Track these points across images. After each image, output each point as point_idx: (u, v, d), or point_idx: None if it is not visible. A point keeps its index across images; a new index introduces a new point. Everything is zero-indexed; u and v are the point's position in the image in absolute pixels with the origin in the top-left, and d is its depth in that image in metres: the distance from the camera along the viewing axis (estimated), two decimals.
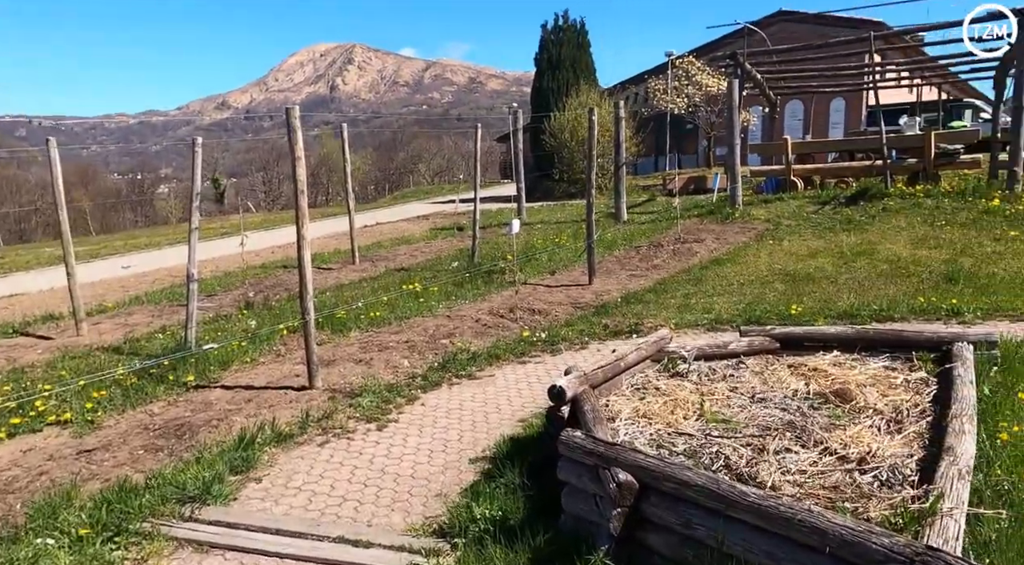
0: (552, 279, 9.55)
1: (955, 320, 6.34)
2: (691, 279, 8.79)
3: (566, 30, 25.76)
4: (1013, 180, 11.15)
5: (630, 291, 8.48)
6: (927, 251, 9.09)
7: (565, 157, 22.17)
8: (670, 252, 10.50)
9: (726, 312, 7.16)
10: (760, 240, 10.76)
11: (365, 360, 6.34)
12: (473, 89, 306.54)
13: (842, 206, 12.07)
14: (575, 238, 12.33)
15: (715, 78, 22.25)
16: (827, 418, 3.47)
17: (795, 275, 8.45)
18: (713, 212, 13.06)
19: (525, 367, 6.06)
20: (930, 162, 12.90)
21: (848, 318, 6.62)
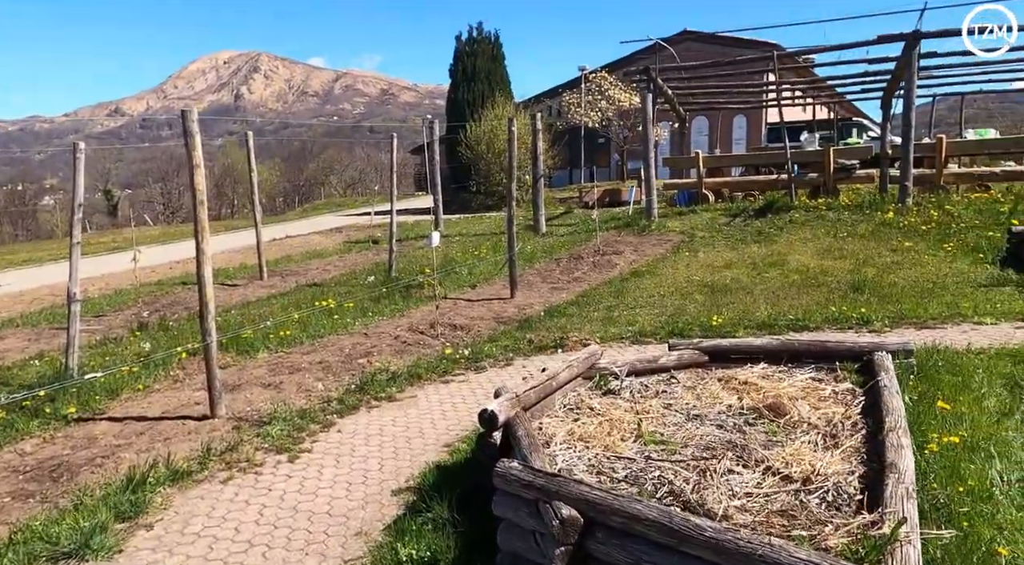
0: (473, 293, 9.31)
1: (866, 328, 6.55)
2: (613, 291, 8.77)
3: (480, 42, 25.78)
4: (904, 194, 11.87)
5: (553, 304, 8.36)
6: (832, 261, 9.47)
7: (482, 169, 22.08)
8: (590, 264, 10.49)
9: (649, 324, 7.14)
10: (677, 252, 10.94)
11: (275, 384, 5.88)
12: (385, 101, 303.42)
13: (752, 218, 12.49)
14: (495, 250, 12.15)
15: (627, 93, 22.79)
16: (764, 434, 3.40)
17: (713, 286, 8.58)
18: (630, 224, 13.22)
19: (448, 387, 5.78)
20: (829, 176, 13.59)
21: (767, 328, 6.73)
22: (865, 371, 4.29)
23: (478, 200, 22.71)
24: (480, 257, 11.53)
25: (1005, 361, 4.96)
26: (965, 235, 10.19)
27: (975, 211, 11.09)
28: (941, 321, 6.58)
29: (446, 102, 26.88)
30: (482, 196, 22.64)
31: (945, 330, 6.30)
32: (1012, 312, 6.65)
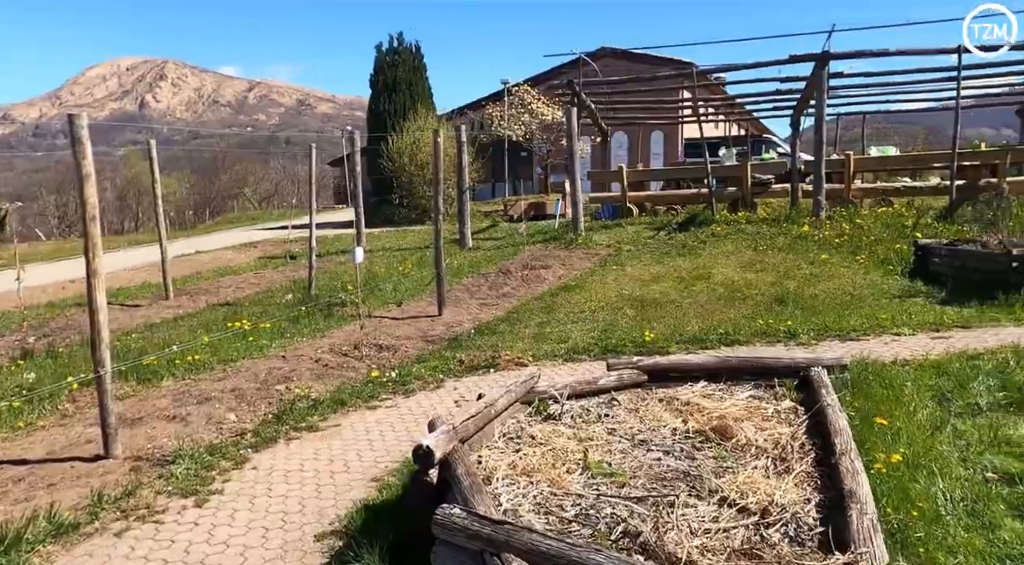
0: (399, 311, 8.95)
1: (793, 341, 6.64)
2: (543, 307, 8.62)
3: (401, 52, 25.40)
4: (818, 208, 12.35)
5: (482, 321, 8.12)
6: (755, 274, 9.68)
7: (404, 182, 21.65)
8: (519, 279, 10.33)
9: (582, 341, 7.01)
10: (604, 265, 10.93)
11: (181, 416, 5.35)
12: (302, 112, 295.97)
13: (676, 232, 12.68)
14: (420, 266, 11.81)
15: (550, 106, 22.96)
16: (714, 460, 3.26)
17: (643, 300, 8.57)
18: (557, 238, 13.18)
19: (376, 413, 5.42)
20: (747, 191, 14.02)
21: (699, 343, 6.72)
22: (804, 387, 4.26)
23: (401, 213, 22.25)
24: (405, 273, 11.17)
25: (929, 373, 5.07)
26: (875, 247, 10.65)
27: (882, 225, 11.64)
28: (863, 333, 6.75)
29: (367, 113, 26.29)
30: (405, 209, 22.19)
31: (868, 342, 6.46)
32: (926, 322, 6.91)
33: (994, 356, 5.41)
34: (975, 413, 4.25)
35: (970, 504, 3.11)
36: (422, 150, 21.22)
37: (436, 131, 8.44)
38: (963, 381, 4.75)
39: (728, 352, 6.47)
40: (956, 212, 11.80)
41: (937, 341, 6.29)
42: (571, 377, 6.05)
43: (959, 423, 4.11)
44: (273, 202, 60.42)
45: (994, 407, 4.30)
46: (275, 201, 61.22)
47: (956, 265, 8.62)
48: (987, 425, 4.03)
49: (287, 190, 64.90)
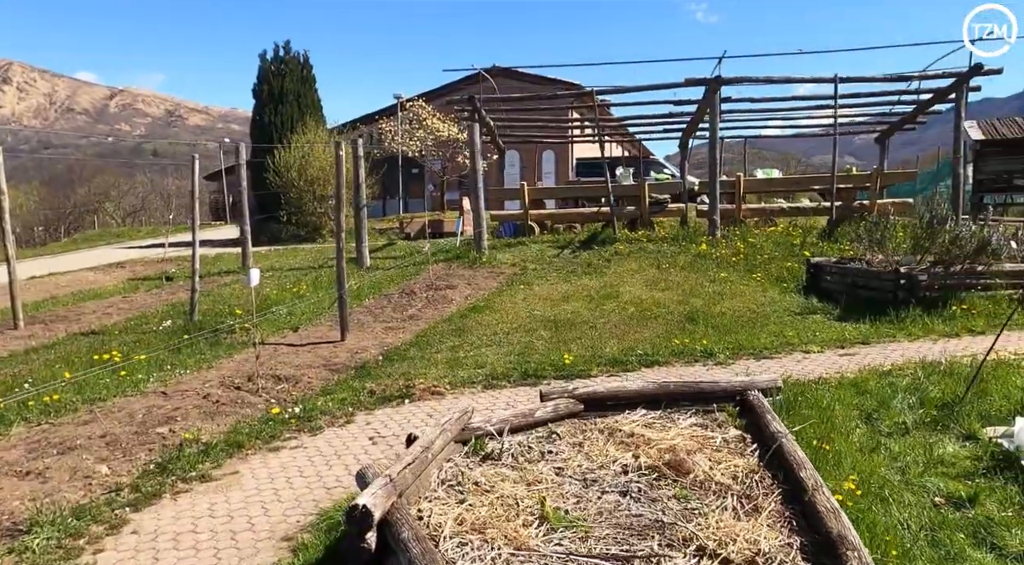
0: (296, 337, 8.27)
1: (711, 361, 6.66)
2: (454, 329, 8.24)
3: (289, 62, 24.31)
4: (714, 227, 12.79)
5: (390, 346, 7.63)
6: (661, 293, 9.78)
7: (293, 198, 20.57)
8: (424, 300, 9.89)
9: (500, 365, 6.70)
10: (512, 285, 10.71)
11: (37, 471, 4.54)
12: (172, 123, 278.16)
13: (580, 250, 12.71)
14: (316, 287, 11.09)
15: (445, 122, 22.70)
16: (676, 501, 3.04)
17: (556, 321, 8.39)
18: (460, 257, 12.85)
19: (279, 456, 4.84)
20: (645, 210, 14.33)
21: (619, 365, 6.60)
22: (745, 413, 4.16)
23: (289, 231, 21.11)
24: (300, 295, 10.43)
25: (849, 391, 5.16)
26: (768, 266, 11.10)
27: (773, 243, 12.20)
28: (775, 350, 6.89)
29: (250, 124, 24.89)
30: (293, 227, 21.08)
31: (782, 360, 6.58)
32: (830, 340, 7.16)
33: (903, 372, 5.62)
34: (903, 432, 4.32)
35: (929, 533, 3.06)
36: (312, 164, 20.29)
37: (338, 143, 7.92)
38: (884, 399, 4.85)
39: (650, 373, 6.39)
40: (836, 231, 12.59)
41: (845, 358, 6.50)
42: (493, 403, 5.74)
43: (891, 443, 4.15)
44: (140, 218, 56.07)
45: (919, 425, 4.39)
46: (142, 217, 56.84)
47: (846, 282, 9.10)
48: (918, 444, 4.09)
49: (155, 205, 60.48)
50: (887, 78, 13.01)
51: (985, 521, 3.07)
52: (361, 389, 6.14)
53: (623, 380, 6.17)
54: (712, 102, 12.66)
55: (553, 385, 6.15)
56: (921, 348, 6.74)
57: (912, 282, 7.81)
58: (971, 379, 4.59)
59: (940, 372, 5.39)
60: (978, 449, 3.93)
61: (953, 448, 4.00)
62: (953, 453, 3.93)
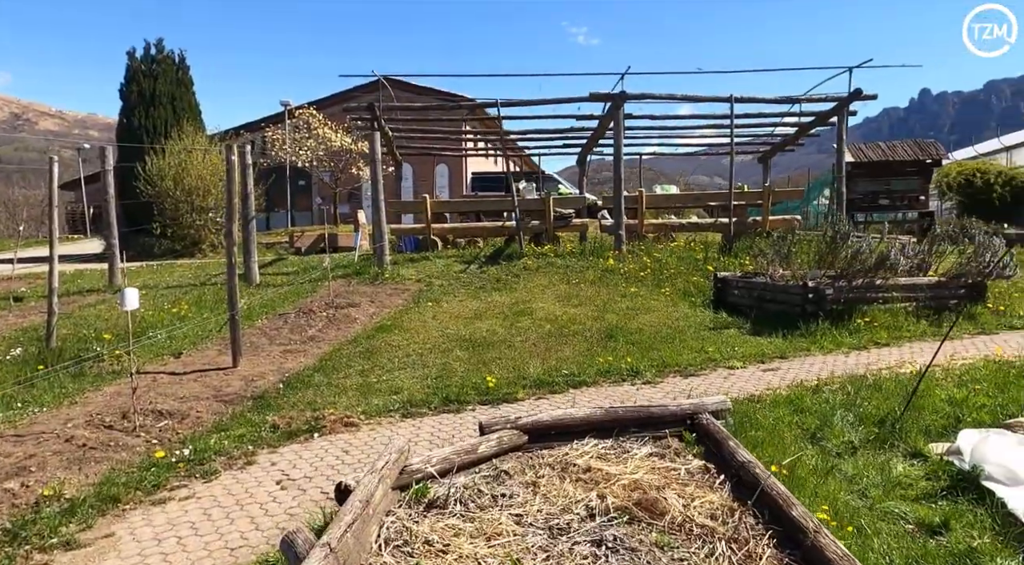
0: (179, 364, 7.33)
1: (639, 380, 6.47)
2: (361, 352, 7.61)
3: (162, 62, 22.48)
4: (619, 242, 12.84)
5: (291, 372, 6.90)
6: (575, 309, 9.59)
7: (168, 208, 18.90)
8: (325, 319, 9.15)
9: (417, 390, 6.19)
10: (418, 302, 10.18)
11: None
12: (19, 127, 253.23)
13: (487, 265, 12.35)
14: (199, 307, 10.05)
15: (337, 132, 21.76)
16: (660, 549, 2.70)
17: (472, 340, 7.96)
18: (360, 273, 12.14)
19: (167, 510, 4.09)
20: (550, 224, 14.22)
21: (546, 386, 6.27)
22: (702, 439, 3.92)
23: (163, 245, 19.37)
24: (182, 316, 9.38)
25: (785, 409, 5.08)
26: (675, 280, 11.23)
27: (677, 258, 12.40)
28: (699, 367, 6.80)
29: (117, 129, 22.73)
30: (168, 240, 19.35)
31: (708, 376, 6.49)
32: (750, 354, 7.18)
33: (832, 388, 5.64)
34: (851, 451, 4.23)
35: None
36: (190, 173, 18.77)
37: (230, 146, 7.14)
38: (824, 417, 4.79)
39: (579, 395, 6.10)
40: (734, 246, 12.99)
41: (769, 373, 6.50)
42: (415, 433, 5.21)
43: (843, 464, 4.04)
44: None
45: (865, 444, 4.32)
46: None
47: (754, 296, 9.28)
48: (870, 465, 4.00)
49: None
50: (777, 100, 13.67)
51: (967, 550, 2.95)
52: (261, 423, 5.43)
53: (551, 402, 5.84)
54: (616, 117, 12.75)
55: (479, 411, 5.74)
56: (836, 361, 6.88)
57: (819, 296, 8.03)
58: (909, 395, 4.59)
59: (868, 387, 5.44)
60: (929, 467, 3.88)
61: (904, 467, 3.94)
62: (906, 473, 3.86)
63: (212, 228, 19.55)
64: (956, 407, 4.83)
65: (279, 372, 6.97)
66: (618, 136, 12.83)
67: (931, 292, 8.43)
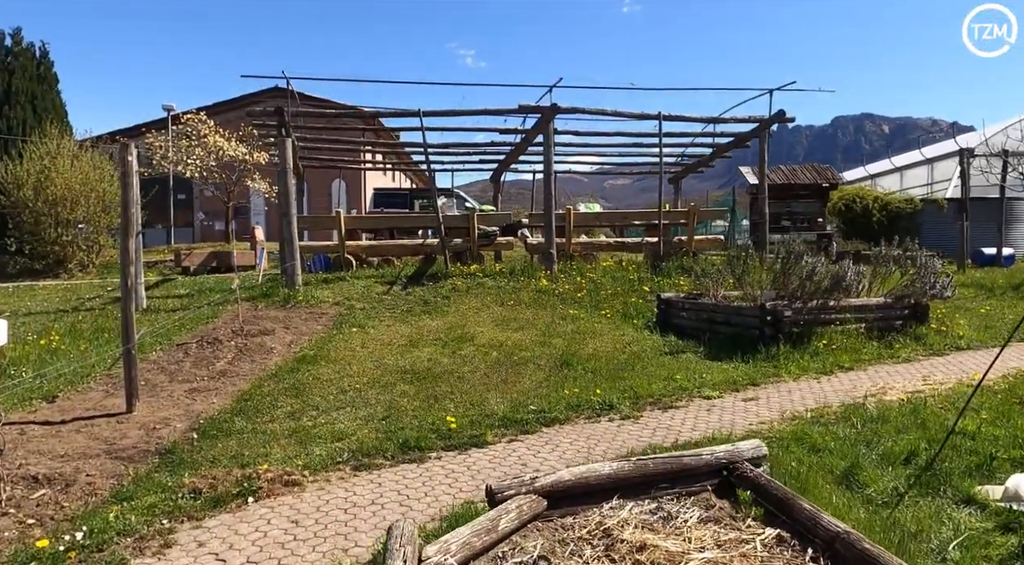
0: (55, 410, 6.00)
1: (616, 415, 5.88)
2: (287, 388, 6.56)
3: (19, 54, 20.00)
4: (551, 262, 12.33)
5: (203, 417, 5.78)
6: (517, 333, 8.93)
7: (27, 222, 16.60)
8: (235, 350, 7.97)
9: (367, 436, 5.28)
10: (341, 328, 9.16)
11: None
12: None
13: (411, 286, 11.47)
14: (75, 337, 8.55)
15: (230, 140, 20.08)
16: None
17: (414, 372, 7.10)
18: (268, 295, 10.90)
19: None
20: (474, 242, 13.53)
21: (515, 425, 5.55)
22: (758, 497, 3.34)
23: (20, 263, 17.00)
24: (52, 349, 7.89)
25: (799, 449, 4.63)
26: (612, 302, 10.83)
27: (611, 278, 12.04)
28: (673, 397, 6.31)
29: None
30: (26, 258, 16.99)
31: (688, 409, 6.00)
32: (720, 382, 6.78)
33: (826, 418, 5.27)
34: (898, 499, 3.79)
35: None
36: (55, 182, 16.59)
37: (126, 145, 5.96)
38: (845, 456, 4.36)
39: (555, 433, 5.42)
40: (664, 266, 12.83)
41: (751, 404, 6.09)
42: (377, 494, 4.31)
43: (902, 517, 3.57)
44: None
45: (909, 489, 3.90)
46: None
47: (703, 318, 8.99)
48: (929, 517, 3.56)
49: None
50: (703, 119, 13.75)
51: None
52: (177, 487, 4.35)
53: (527, 445, 5.12)
54: (547, 130, 12.30)
55: (446, 459, 4.92)
56: (811, 388, 6.60)
57: (777, 318, 7.81)
58: (947, 434, 4.24)
59: (873, 419, 5.11)
60: (995, 518, 3.49)
61: (966, 518, 3.53)
62: (971, 525, 3.45)
63: (81, 245, 17.36)
64: (973, 440, 4.55)
65: (188, 417, 5.83)
66: (548, 151, 12.38)
67: (879, 313, 8.44)
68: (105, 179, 17.62)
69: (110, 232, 18.05)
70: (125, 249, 5.84)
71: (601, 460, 4.64)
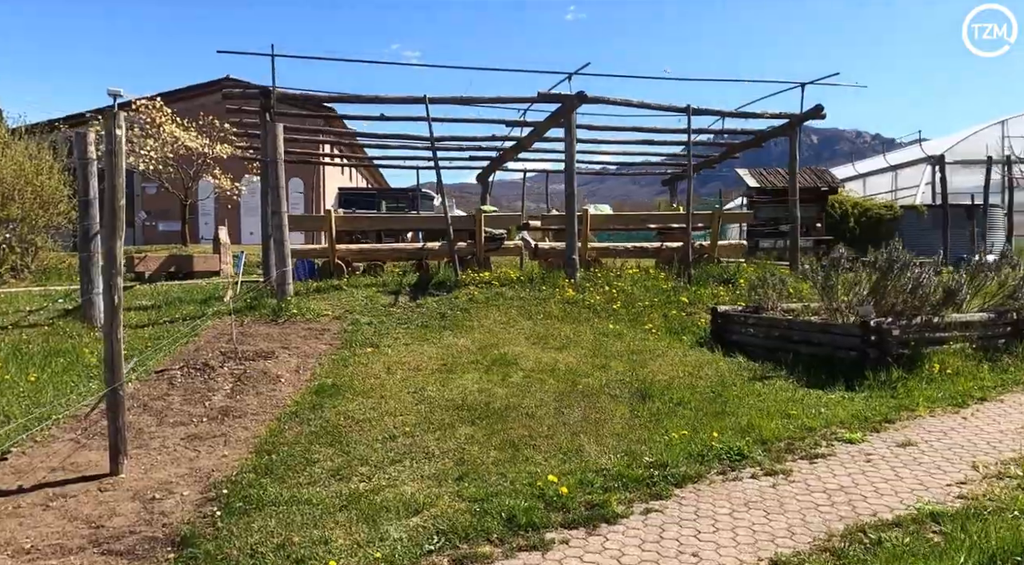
0: (7, 471, 4.51)
1: (749, 465, 4.74)
2: (316, 433, 5.21)
3: None
4: (573, 269, 11.18)
5: (216, 479, 4.40)
6: (563, 354, 7.73)
7: None
8: (232, 378, 6.54)
9: (452, 507, 4.02)
10: (351, 348, 7.80)
11: None
12: None
13: (420, 296, 10.13)
14: (23, 365, 6.97)
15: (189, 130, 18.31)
16: None
17: (469, 407, 5.82)
18: (254, 307, 9.42)
19: None
20: (480, 247, 12.28)
21: (638, 484, 4.36)
22: None
23: None
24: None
25: None
26: (651, 314, 9.75)
27: (642, 288, 10.95)
28: (807, 442, 5.18)
29: None
30: None
31: (839, 459, 4.88)
32: (845, 419, 5.69)
33: None
34: None
35: None
36: None
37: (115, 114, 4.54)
38: None
39: (687, 494, 4.26)
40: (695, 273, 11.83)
41: (911, 451, 5.01)
42: None
43: None
44: None
45: None
46: None
47: (774, 336, 7.96)
48: None
49: None
50: (735, 114, 12.84)
51: None
52: None
53: (668, 517, 3.90)
54: (569, 122, 11.14)
55: (572, 539, 3.68)
56: (965, 426, 5.57)
57: (883, 337, 6.80)
58: None
59: None
60: None
61: None
62: None
63: (16, 247, 15.38)
64: None
65: (196, 479, 4.44)
66: (571, 145, 11.24)
67: (982, 331, 7.54)
68: (43, 171, 15.71)
69: (48, 232, 16.18)
70: (110, 251, 4.40)
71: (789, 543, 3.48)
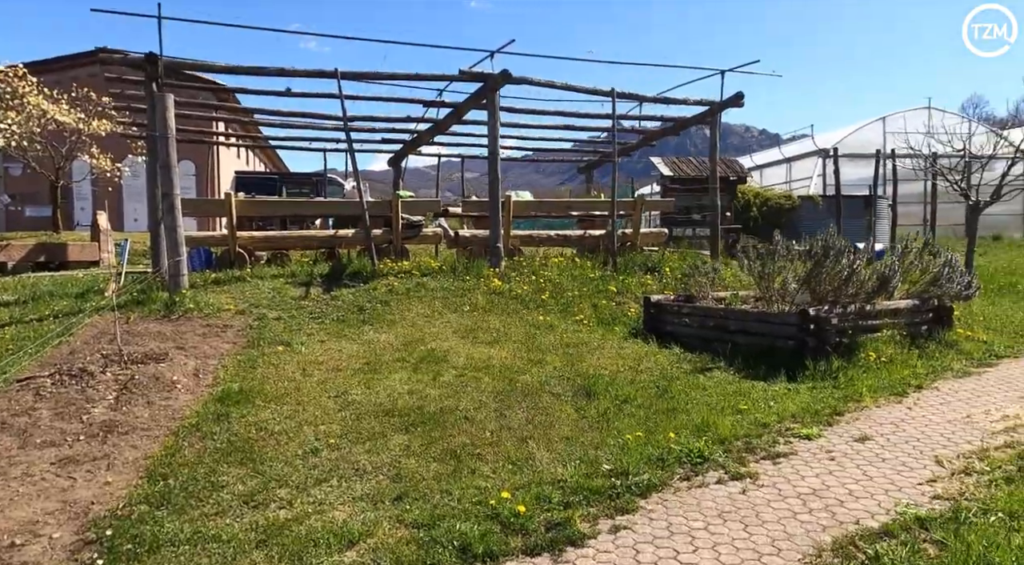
0: None
1: (711, 468, 4.42)
2: (223, 450, 4.49)
3: None
4: (498, 258, 10.69)
5: (98, 514, 3.65)
6: (496, 349, 7.24)
7: None
8: (116, 386, 5.65)
9: (393, 536, 3.47)
10: (259, 347, 7.00)
11: None
12: None
13: (335, 289, 9.35)
14: None
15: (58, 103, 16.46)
16: None
17: (400, 412, 5.24)
18: (141, 302, 8.38)
19: None
20: (398, 235, 11.57)
21: (598, 497, 3.95)
22: None
23: None
24: None
25: None
26: (580, 305, 9.42)
27: (570, 278, 10.60)
28: (764, 440, 4.93)
29: None
30: None
31: (802, 459, 4.64)
32: (799, 412, 5.52)
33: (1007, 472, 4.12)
34: None
35: None
36: None
37: None
38: None
39: (655, 506, 3.86)
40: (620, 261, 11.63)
41: (869, 446, 4.85)
42: None
43: None
44: None
45: None
46: None
47: (709, 326, 7.79)
48: None
49: None
50: (655, 99, 12.68)
51: None
52: None
53: (639, 534, 3.51)
54: (492, 102, 10.60)
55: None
56: (912, 416, 5.50)
57: (821, 327, 6.71)
58: None
59: None
60: None
61: None
62: None
63: None
64: None
65: (70, 515, 3.66)
66: (494, 127, 10.69)
67: (909, 317, 7.64)
68: None
69: None
70: None
71: (778, 561, 3.16)
